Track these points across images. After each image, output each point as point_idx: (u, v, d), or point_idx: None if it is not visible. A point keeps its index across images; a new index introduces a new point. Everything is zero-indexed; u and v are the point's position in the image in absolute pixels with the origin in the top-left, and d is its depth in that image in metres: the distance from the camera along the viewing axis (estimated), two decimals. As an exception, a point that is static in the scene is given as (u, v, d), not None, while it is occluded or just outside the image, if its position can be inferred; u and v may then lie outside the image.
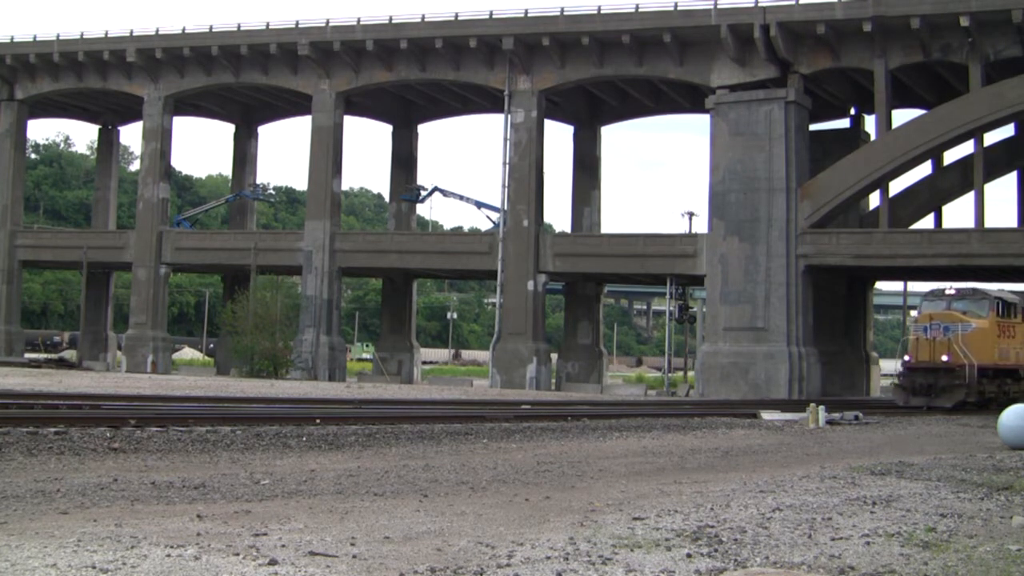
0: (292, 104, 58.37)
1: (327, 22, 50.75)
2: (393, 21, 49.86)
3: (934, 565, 6.72)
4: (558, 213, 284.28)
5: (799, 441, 18.84)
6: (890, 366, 49.98)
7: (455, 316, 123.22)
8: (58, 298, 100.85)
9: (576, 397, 39.44)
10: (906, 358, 33.61)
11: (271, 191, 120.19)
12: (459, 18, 48.75)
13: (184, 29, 53.76)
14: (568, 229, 58.62)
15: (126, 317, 62.70)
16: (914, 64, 43.83)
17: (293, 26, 51.50)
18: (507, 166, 49.28)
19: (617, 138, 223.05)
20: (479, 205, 56.13)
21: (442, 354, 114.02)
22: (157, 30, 54.18)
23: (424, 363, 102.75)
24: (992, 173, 48.08)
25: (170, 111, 55.96)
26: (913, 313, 41.82)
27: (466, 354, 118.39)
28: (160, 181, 55.95)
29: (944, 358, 31.91)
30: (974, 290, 34.57)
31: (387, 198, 66.46)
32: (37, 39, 56.49)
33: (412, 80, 51.73)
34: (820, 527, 8.14)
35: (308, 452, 13.55)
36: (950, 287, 35.24)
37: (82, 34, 55.70)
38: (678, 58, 45.74)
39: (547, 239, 49.46)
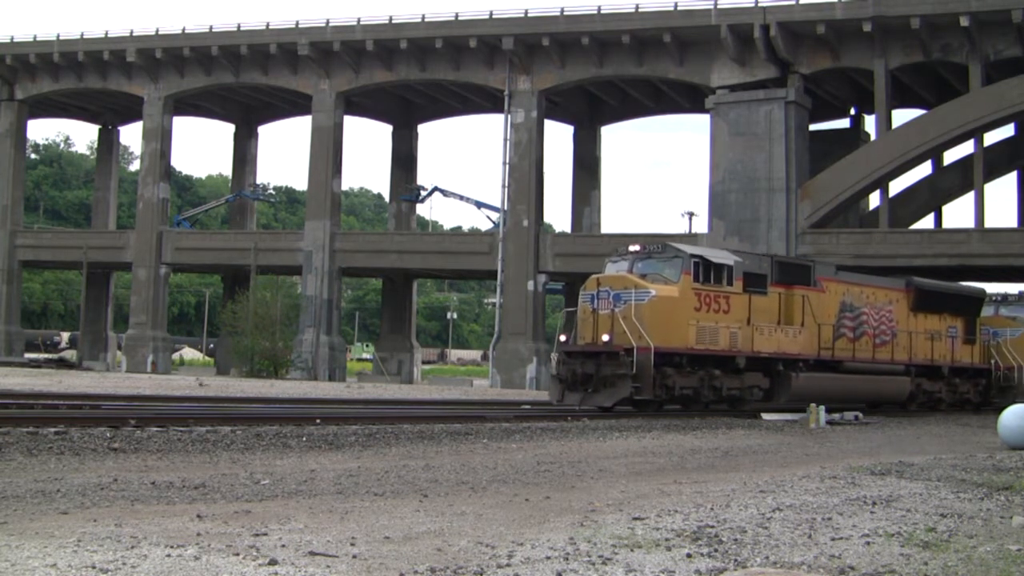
0: (292, 104, 58.40)
1: (327, 22, 50.80)
2: (393, 21, 49.92)
3: (934, 565, 6.72)
4: (558, 213, 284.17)
5: (799, 441, 18.83)
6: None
7: (455, 316, 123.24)
8: (58, 298, 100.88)
9: (576, 397, 39.28)
10: (561, 338, 24.60)
11: (271, 191, 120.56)
12: (459, 18, 48.81)
13: (184, 29, 53.83)
14: (568, 229, 58.63)
15: (126, 317, 62.72)
16: (914, 64, 43.85)
17: (293, 26, 51.53)
18: (507, 166, 49.31)
19: (618, 138, 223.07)
20: (479, 205, 56.17)
21: (474, 355, 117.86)
22: (157, 30, 54.27)
23: (457, 363, 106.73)
24: (992, 173, 48.11)
25: (170, 111, 55.99)
26: None
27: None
28: (160, 181, 55.99)
29: (604, 338, 23.04)
30: (664, 246, 24.85)
31: (387, 198, 66.49)
32: (37, 39, 56.54)
33: (412, 80, 51.74)
34: (820, 527, 8.14)
35: (308, 452, 13.54)
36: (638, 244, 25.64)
37: (82, 34, 55.77)
38: (678, 58, 45.75)
39: (547, 239, 49.48)
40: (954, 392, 31.77)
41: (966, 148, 46.26)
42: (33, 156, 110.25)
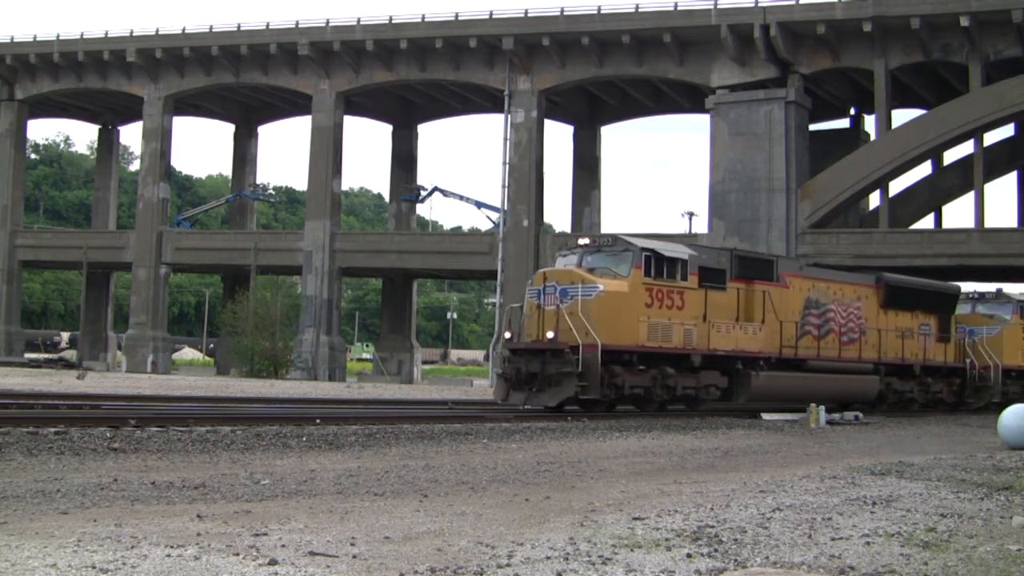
0: (292, 104, 58.40)
1: (327, 22, 50.82)
2: (393, 21, 49.94)
3: (934, 565, 6.72)
4: (558, 213, 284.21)
5: (799, 441, 18.82)
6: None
7: (455, 316, 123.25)
8: (58, 298, 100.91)
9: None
10: (506, 335, 23.62)
11: (271, 191, 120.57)
12: (459, 18, 48.83)
13: (184, 29, 53.85)
14: (568, 229, 58.62)
15: (126, 317, 62.74)
16: (914, 64, 43.88)
17: (293, 26, 51.55)
18: (507, 166, 49.32)
19: (618, 138, 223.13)
20: (479, 205, 56.17)
21: (475, 355, 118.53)
22: (157, 30, 54.31)
23: (457, 362, 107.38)
24: (992, 173, 48.14)
25: (170, 111, 56.01)
26: None
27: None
28: (160, 181, 56.01)
29: (549, 335, 22.03)
30: (615, 239, 23.75)
31: (387, 198, 66.51)
32: (37, 39, 56.57)
33: (412, 80, 51.76)
34: (820, 527, 8.14)
35: (308, 452, 13.54)
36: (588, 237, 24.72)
37: (82, 34, 55.79)
38: (678, 58, 45.75)
39: (547, 239, 49.47)
40: (926, 392, 30.64)
41: (966, 148, 46.30)
42: (33, 156, 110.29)
